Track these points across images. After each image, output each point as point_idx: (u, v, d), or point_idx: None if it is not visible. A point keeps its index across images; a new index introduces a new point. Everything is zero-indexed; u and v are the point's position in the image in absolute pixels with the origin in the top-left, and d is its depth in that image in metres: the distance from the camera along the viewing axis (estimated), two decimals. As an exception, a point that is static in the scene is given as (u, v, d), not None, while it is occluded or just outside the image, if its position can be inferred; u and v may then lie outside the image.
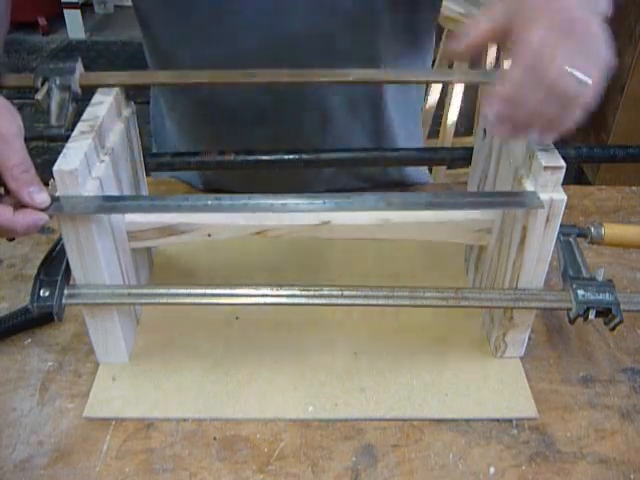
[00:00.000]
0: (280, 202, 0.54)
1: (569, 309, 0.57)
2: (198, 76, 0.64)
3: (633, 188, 0.93)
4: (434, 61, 2.16)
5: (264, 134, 0.80)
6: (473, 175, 0.71)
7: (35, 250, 0.77)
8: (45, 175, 0.51)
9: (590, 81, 0.44)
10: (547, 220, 0.54)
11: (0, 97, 0.51)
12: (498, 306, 0.60)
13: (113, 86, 0.61)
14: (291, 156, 0.78)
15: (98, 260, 0.55)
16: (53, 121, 0.58)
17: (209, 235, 0.61)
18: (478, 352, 0.65)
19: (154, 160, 0.76)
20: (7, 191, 0.50)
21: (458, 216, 0.62)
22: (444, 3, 0.92)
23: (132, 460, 0.55)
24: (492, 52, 2.03)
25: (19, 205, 0.50)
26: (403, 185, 0.92)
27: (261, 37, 0.71)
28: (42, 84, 0.59)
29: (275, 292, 0.57)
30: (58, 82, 0.59)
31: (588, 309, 0.56)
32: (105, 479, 0.54)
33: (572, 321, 0.57)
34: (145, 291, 0.59)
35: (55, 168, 0.50)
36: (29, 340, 0.66)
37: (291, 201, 0.54)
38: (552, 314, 0.70)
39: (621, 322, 0.56)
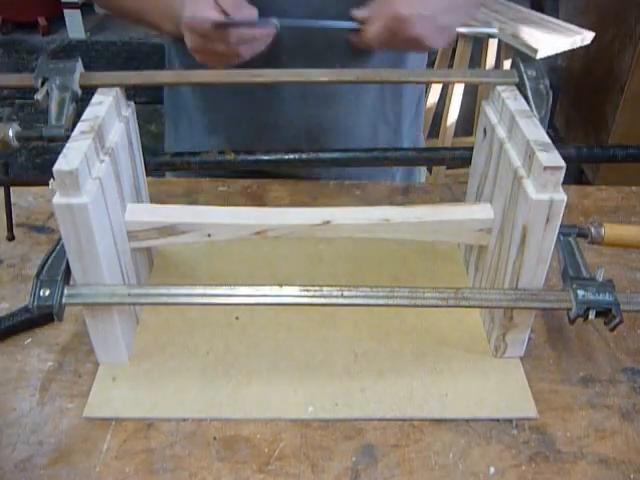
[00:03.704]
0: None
1: (569, 309, 0.57)
2: (199, 76, 0.64)
3: (633, 188, 0.93)
4: (434, 62, 2.16)
5: (288, 124, 0.86)
6: (473, 175, 0.71)
7: (35, 250, 0.77)
8: (45, 175, 0.51)
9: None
10: (547, 220, 0.54)
11: None
12: (498, 306, 0.60)
13: (113, 86, 0.61)
14: (291, 156, 0.78)
15: (98, 260, 0.55)
16: (53, 121, 0.58)
17: (209, 235, 0.61)
18: (478, 352, 0.65)
19: (154, 160, 0.76)
20: None
21: (458, 216, 0.62)
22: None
23: (132, 460, 0.55)
24: (492, 52, 2.04)
25: None
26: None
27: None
28: (42, 84, 0.59)
29: (275, 292, 0.57)
30: (58, 82, 0.59)
31: (588, 309, 0.56)
32: (105, 479, 0.54)
33: (572, 321, 0.57)
34: (145, 291, 0.59)
35: (55, 168, 0.50)
36: (29, 340, 0.66)
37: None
38: (552, 314, 0.70)
39: (621, 322, 0.56)
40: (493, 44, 2.02)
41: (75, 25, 3.74)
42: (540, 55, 1.79)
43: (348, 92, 0.87)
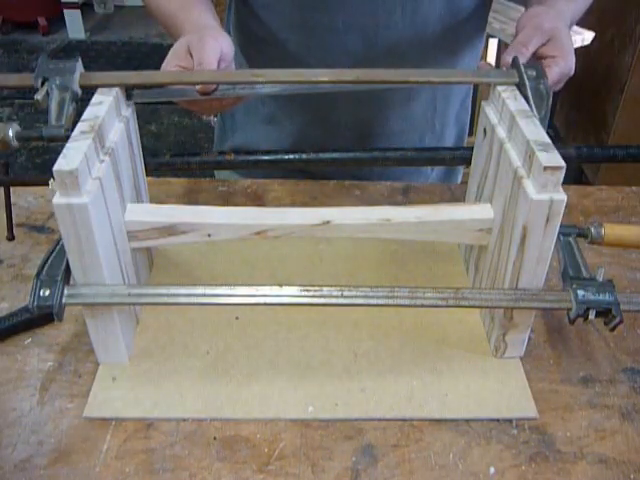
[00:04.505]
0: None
1: (569, 309, 0.57)
2: (199, 76, 0.64)
3: (633, 188, 0.93)
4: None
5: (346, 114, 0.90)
6: (473, 175, 0.71)
7: (35, 250, 0.77)
8: (45, 175, 0.51)
9: None
10: (547, 220, 0.54)
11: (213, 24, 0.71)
12: (498, 306, 0.60)
13: (113, 86, 0.61)
14: (291, 156, 0.78)
15: (98, 260, 0.55)
16: (53, 121, 0.58)
17: (209, 235, 0.61)
18: (478, 352, 0.65)
19: (154, 160, 0.76)
20: None
21: (458, 216, 0.62)
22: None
23: (132, 460, 0.55)
24: (492, 52, 2.03)
25: None
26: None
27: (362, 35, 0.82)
28: (42, 84, 0.59)
29: (275, 292, 0.57)
30: (58, 82, 0.59)
31: (588, 309, 0.56)
32: (105, 479, 0.54)
33: (572, 321, 0.57)
34: (145, 291, 0.59)
35: (55, 168, 0.50)
36: (29, 340, 0.66)
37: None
38: (552, 314, 0.70)
39: (621, 322, 0.56)
40: (493, 44, 2.02)
41: (75, 25, 3.75)
42: (540, 55, 1.78)
43: (401, 99, 0.90)
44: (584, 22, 2.04)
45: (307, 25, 0.82)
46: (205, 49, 0.65)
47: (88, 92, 0.61)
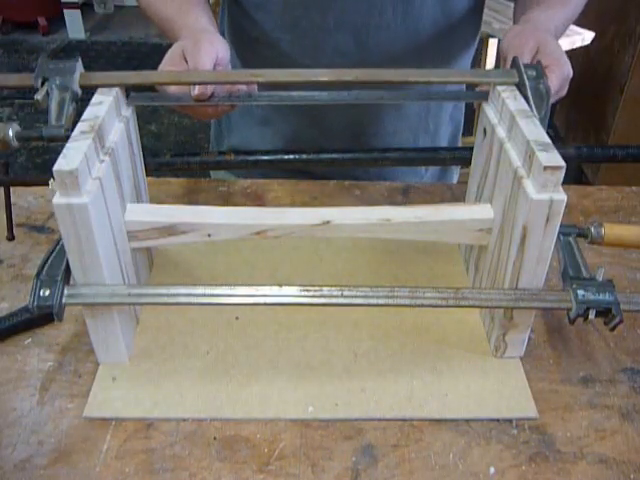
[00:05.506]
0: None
1: (569, 309, 0.57)
2: (199, 76, 0.64)
3: (633, 188, 0.93)
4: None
5: (340, 120, 0.90)
6: (473, 175, 0.71)
7: (35, 250, 0.77)
8: (45, 175, 0.51)
9: None
10: (547, 220, 0.54)
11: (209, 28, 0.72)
12: (498, 306, 0.60)
13: (113, 86, 0.61)
14: (291, 156, 0.79)
15: (98, 260, 0.55)
16: (53, 121, 0.58)
17: (209, 235, 0.61)
18: (478, 352, 0.65)
19: (154, 160, 0.76)
20: None
21: (458, 216, 0.62)
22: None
23: (132, 460, 0.55)
24: (492, 52, 2.04)
25: None
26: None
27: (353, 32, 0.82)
28: (42, 84, 0.59)
29: (275, 292, 0.57)
30: (58, 82, 0.59)
31: (588, 309, 0.56)
32: (105, 479, 0.54)
33: (572, 321, 0.57)
34: (145, 291, 0.59)
35: (55, 168, 0.50)
36: (29, 340, 0.66)
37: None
38: (552, 314, 0.70)
39: (621, 322, 0.56)
40: (493, 44, 2.02)
41: (75, 25, 3.75)
42: (540, 55, 1.78)
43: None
44: (584, 22, 2.04)
45: (298, 24, 0.82)
46: (200, 54, 0.65)
47: (88, 92, 0.61)
